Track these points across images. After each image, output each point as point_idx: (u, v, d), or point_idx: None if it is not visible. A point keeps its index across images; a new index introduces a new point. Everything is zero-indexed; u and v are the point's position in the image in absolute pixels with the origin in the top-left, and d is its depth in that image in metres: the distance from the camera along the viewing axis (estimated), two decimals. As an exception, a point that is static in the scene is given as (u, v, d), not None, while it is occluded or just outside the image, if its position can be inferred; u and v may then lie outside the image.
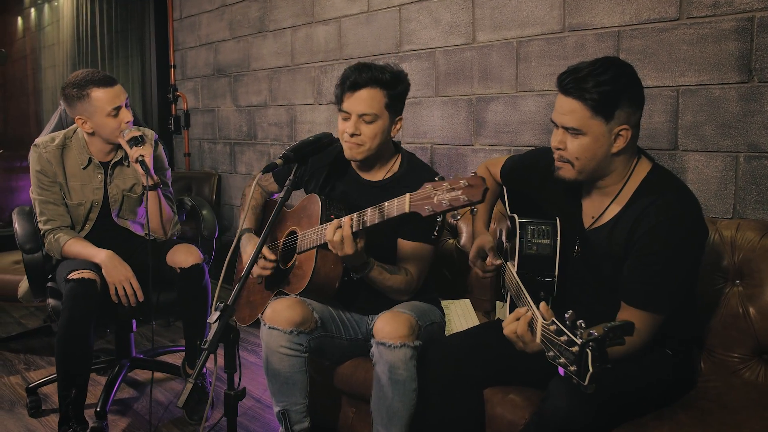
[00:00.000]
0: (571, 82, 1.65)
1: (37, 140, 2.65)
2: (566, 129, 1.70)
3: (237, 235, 2.03)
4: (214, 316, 1.69)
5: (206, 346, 1.66)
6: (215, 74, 4.65)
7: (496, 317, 2.20)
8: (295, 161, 1.96)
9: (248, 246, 2.31)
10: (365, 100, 2.02)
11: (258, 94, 4.27)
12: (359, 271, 2.00)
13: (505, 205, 2.17)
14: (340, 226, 1.86)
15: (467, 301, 2.54)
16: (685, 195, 1.72)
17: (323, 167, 2.27)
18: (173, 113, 5.01)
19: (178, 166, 5.13)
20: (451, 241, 2.73)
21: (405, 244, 2.13)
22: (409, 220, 2.03)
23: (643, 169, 1.76)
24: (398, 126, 2.12)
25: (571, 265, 1.87)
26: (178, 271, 2.54)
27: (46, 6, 6.96)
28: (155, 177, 2.56)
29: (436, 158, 3.18)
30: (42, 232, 2.61)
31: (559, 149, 1.73)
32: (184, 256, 2.55)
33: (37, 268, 2.62)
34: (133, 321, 2.90)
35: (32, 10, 7.28)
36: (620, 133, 1.67)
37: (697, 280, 1.84)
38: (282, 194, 1.93)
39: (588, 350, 1.29)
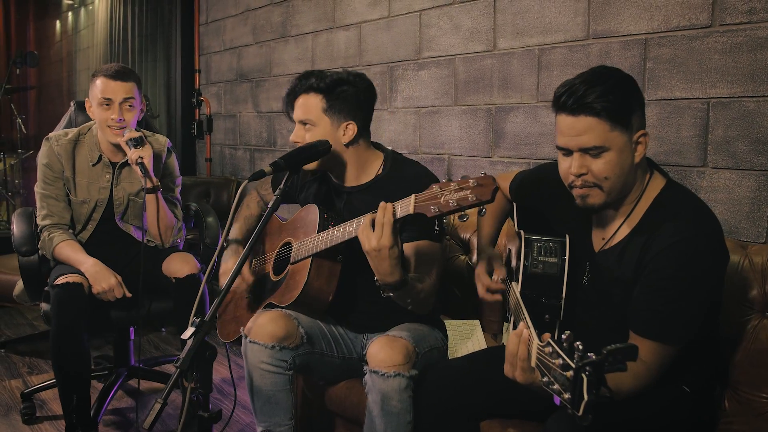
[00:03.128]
0: (575, 102, 1.50)
1: (50, 134, 2.62)
2: (585, 151, 1.54)
3: (219, 244, 1.91)
4: (188, 332, 1.58)
5: (178, 364, 1.56)
6: (238, 79, 4.59)
7: (502, 341, 2.05)
8: (285, 169, 1.84)
9: (230, 261, 2.21)
10: (301, 106, 2.00)
11: (278, 100, 4.19)
12: (398, 288, 1.74)
13: (513, 221, 2.02)
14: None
15: (476, 322, 2.38)
16: (702, 213, 1.55)
17: (314, 177, 2.15)
18: (196, 118, 4.97)
19: (199, 171, 5.09)
20: (462, 257, 2.58)
21: (409, 247, 1.94)
22: (411, 222, 1.88)
23: (656, 185, 1.61)
24: (349, 131, 1.97)
25: (580, 289, 1.71)
26: (173, 280, 2.46)
27: (83, 9, 7.04)
28: (155, 180, 2.48)
29: (453, 170, 3.04)
30: (39, 227, 2.55)
31: (582, 174, 1.57)
32: (179, 266, 2.47)
33: (33, 271, 2.55)
34: (131, 329, 2.82)
35: (69, 13, 7.38)
36: (639, 140, 1.54)
37: (718, 309, 1.66)
38: (271, 204, 1.81)
39: (583, 375, 1.13)
